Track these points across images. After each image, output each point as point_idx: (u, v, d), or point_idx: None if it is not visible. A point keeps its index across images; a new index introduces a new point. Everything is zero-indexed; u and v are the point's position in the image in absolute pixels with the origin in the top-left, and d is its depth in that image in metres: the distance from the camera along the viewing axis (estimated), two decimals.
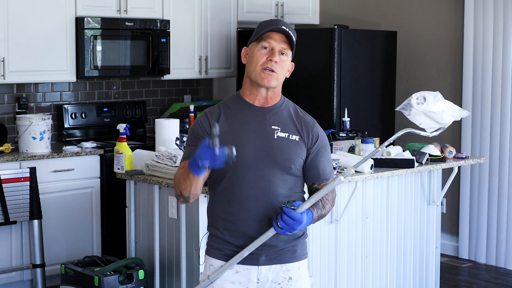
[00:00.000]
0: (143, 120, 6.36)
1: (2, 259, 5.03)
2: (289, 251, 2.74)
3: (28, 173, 4.97)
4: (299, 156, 2.72)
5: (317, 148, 2.75)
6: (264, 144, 2.68)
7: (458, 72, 6.18)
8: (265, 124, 2.71)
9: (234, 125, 2.70)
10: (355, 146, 4.75)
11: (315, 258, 4.32)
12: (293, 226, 2.58)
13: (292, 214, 2.56)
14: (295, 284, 2.75)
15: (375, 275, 4.70)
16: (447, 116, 2.74)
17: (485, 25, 5.90)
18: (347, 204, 4.36)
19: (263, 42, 2.69)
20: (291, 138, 2.72)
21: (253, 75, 2.70)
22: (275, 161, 2.68)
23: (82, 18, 5.53)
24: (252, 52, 2.71)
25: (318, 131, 2.79)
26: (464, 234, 6.16)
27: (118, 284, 4.02)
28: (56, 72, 5.53)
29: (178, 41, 6.15)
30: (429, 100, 2.72)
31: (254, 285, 2.72)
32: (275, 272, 2.73)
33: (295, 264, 2.76)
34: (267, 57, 2.68)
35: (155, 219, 4.15)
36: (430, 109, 2.71)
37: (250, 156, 2.66)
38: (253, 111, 2.73)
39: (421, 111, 2.72)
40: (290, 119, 2.76)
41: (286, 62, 2.72)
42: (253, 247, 2.64)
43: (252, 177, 2.66)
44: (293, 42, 2.72)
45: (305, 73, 6.10)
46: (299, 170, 2.74)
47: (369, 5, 6.76)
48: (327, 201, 2.75)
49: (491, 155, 5.93)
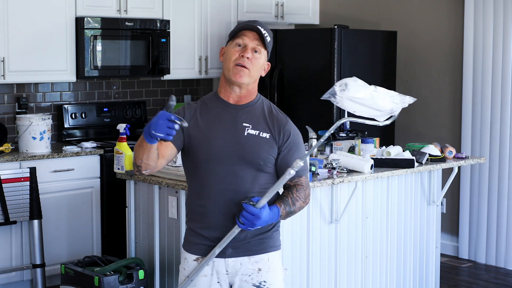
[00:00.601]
0: (143, 120, 6.36)
1: (2, 259, 5.03)
2: (256, 244, 2.81)
3: (28, 173, 4.97)
4: (269, 153, 2.78)
5: (288, 146, 2.81)
6: (234, 141, 2.76)
7: (458, 72, 6.18)
8: (236, 121, 2.79)
9: (208, 121, 2.79)
10: (355, 146, 4.75)
11: (315, 258, 4.32)
12: (253, 221, 2.64)
13: (250, 209, 2.63)
14: (266, 275, 2.81)
15: (375, 275, 4.70)
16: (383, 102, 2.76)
17: (485, 25, 5.90)
18: (347, 204, 4.36)
19: (237, 39, 2.77)
20: (262, 135, 2.78)
21: (226, 71, 2.78)
22: (244, 158, 2.75)
23: (82, 18, 5.53)
24: (227, 50, 2.79)
25: (291, 129, 2.84)
26: (464, 234, 6.16)
27: (118, 284, 4.02)
28: (56, 72, 5.53)
29: (178, 41, 6.15)
30: (351, 87, 2.76)
31: (224, 276, 2.81)
32: (243, 265, 2.80)
33: (264, 256, 2.82)
34: (240, 53, 2.75)
35: (155, 219, 4.15)
36: (354, 95, 2.75)
37: (220, 151, 2.75)
38: (227, 108, 2.81)
39: (346, 98, 2.76)
40: (262, 117, 2.82)
41: (259, 60, 2.78)
42: (223, 244, 2.73)
43: (222, 172, 2.75)
44: (267, 42, 2.78)
45: (305, 73, 6.11)
46: (270, 167, 2.80)
47: (369, 5, 6.76)
48: (298, 198, 2.80)
49: (491, 155, 5.93)
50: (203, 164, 2.77)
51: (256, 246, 2.81)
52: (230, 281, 2.82)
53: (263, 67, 2.82)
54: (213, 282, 2.82)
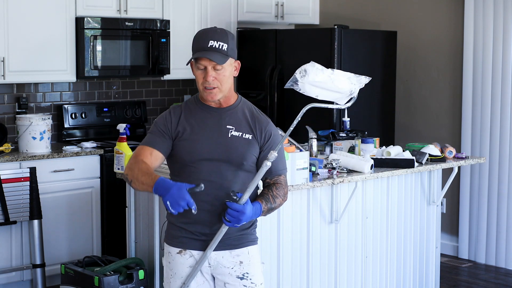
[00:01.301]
0: (143, 120, 6.36)
1: (2, 259, 5.03)
2: (236, 239, 2.95)
3: (28, 173, 4.97)
4: (251, 153, 2.92)
5: (269, 146, 2.95)
6: (218, 142, 2.90)
7: (458, 72, 6.18)
8: (220, 124, 2.93)
9: (192, 125, 2.92)
10: (355, 146, 4.75)
11: (315, 258, 4.32)
12: (238, 217, 2.77)
13: (235, 206, 2.76)
14: (247, 267, 2.96)
15: (375, 275, 4.70)
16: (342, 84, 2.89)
17: (485, 25, 5.90)
18: (347, 204, 4.36)
19: (197, 63, 2.88)
20: (244, 136, 2.92)
21: (199, 91, 2.93)
22: (229, 158, 2.89)
23: (82, 18, 5.53)
24: (193, 69, 2.92)
25: (271, 130, 2.98)
26: (464, 234, 6.16)
27: (118, 284, 4.02)
28: (56, 72, 5.53)
29: (178, 41, 6.15)
30: (310, 71, 2.89)
31: (206, 268, 2.95)
32: (225, 258, 2.94)
33: (244, 249, 2.97)
34: (203, 77, 2.87)
35: (155, 219, 4.15)
36: (314, 79, 2.87)
37: (206, 152, 2.88)
38: (210, 111, 2.95)
39: (307, 83, 2.89)
40: (244, 119, 2.95)
41: (224, 73, 2.89)
42: (214, 245, 2.86)
43: (208, 172, 2.88)
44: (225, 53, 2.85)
45: None
46: (252, 166, 2.94)
47: (369, 5, 6.76)
48: (278, 195, 2.94)
49: (491, 155, 5.93)
50: (189, 165, 2.90)
51: (236, 240, 2.95)
52: (213, 272, 2.96)
53: (232, 73, 2.93)
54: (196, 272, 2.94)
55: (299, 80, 2.89)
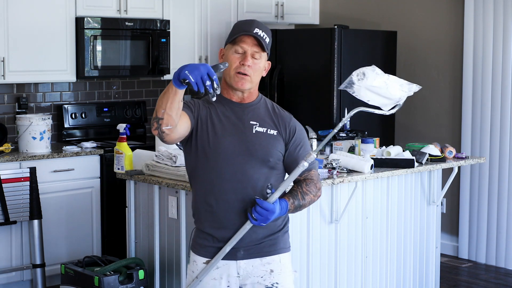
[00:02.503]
0: (143, 120, 6.36)
1: (2, 259, 5.03)
2: (268, 244, 2.81)
3: (28, 173, 4.97)
4: (277, 149, 2.80)
5: (295, 141, 2.84)
6: (243, 138, 2.77)
7: (458, 72, 6.18)
8: (243, 120, 2.80)
9: (215, 119, 2.78)
10: (355, 146, 4.75)
11: (315, 258, 4.32)
12: (267, 217, 2.64)
13: (265, 205, 2.63)
14: (278, 276, 2.81)
15: (375, 275, 4.70)
16: (394, 90, 2.78)
17: (485, 25, 5.90)
18: (347, 204, 4.36)
19: (236, 46, 2.77)
20: (269, 132, 2.81)
21: (227, 78, 2.79)
22: (254, 155, 2.76)
23: (82, 18, 5.53)
24: (227, 55, 2.79)
25: (295, 125, 2.88)
26: (464, 234, 6.16)
27: (118, 284, 4.02)
28: (56, 72, 5.53)
29: (178, 41, 6.15)
30: (369, 75, 2.79)
31: (234, 279, 2.80)
32: (255, 267, 2.79)
33: (276, 257, 2.82)
34: (240, 61, 2.76)
35: (155, 219, 4.15)
36: (371, 83, 2.77)
37: (229, 149, 2.75)
38: (232, 107, 2.82)
39: (363, 86, 2.78)
40: (267, 115, 2.84)
41: (259, 64, 2.79)
42: (234, 241, 2.72)
43: (231, 170, 2.74)
44: (266, 44, 2.79)
45: (305, 73, 6.10)
46: (278, 164, 2.82)
47: (369, 5, 6.76)
48: (308, 192, 2.81)
49: (491, 155, 5.93)
50: (211, 163, 2.75)
51: (268, 247, 2.81)
52: (241, 283, 2.81)
53: (264, 68, 2.84)
54: (222, 285, 2.80)
55: (355, 83, 2.78)
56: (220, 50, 2.87)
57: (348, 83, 2.80)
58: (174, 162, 4.05)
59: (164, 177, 4.06)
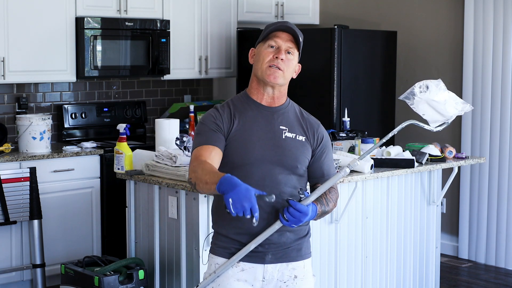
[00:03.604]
0: (143, 120, 6.36)
1: (2, 259, 5.03)
2: (295, 249, 2.77)
3: (28, 173, 4.97)
4: (305, 156, 2.77)
5: (321, 149, 2.81)
6: (272, 144, 2.72)
7: (458, 72, 6.18)
8: (273, 124, 2.76)
9: (243, 124, 2.73)
10: (355, 146, 4.75)
11: (315, 258, 4.32)
12: (299, 218, 2.59)
13: (298, 206, 2.58)
14: (300, 282, 2.78)
15: (375, 275, 4.70)
16: (450, 108, 2.75)
17: (485, 25, 5.90)
18: (347, 204, 4.36)
19: (270, 41, 2.74)
20: (298, 138, 2.77)
21: (259, 72, 2.74)
22: (283, 161, 2.72)
23: (82, 18, 5.53)
24: (259, 51, 2.76)
25: (323, 133, 2.85)
26: (464, 234, 6.16)
27: (118, 284, 4.02)
28: (56, 72, 5.53)
29: (178, 41, 6.15)
30: (432, 89, 2.74)
31: (259, 283, 2.74)
32: (280, 271, 2.75)
33: (301, 263, 2.79)
34: (273, 55, 2.73)
35: (155, 219, 4.15)
36: (433, 98, 2.73)
37: (259, 154, 2.70)
38: (261, 110, 2.77)
39: (424, 99, 2.74)
40: (296, 120, 2.81)
41: (292, 62, 2.77)
42: (260, 240, 2.66)
43: (260, 175, 2.69)
44: (300, 42, 2.78)
45: (305, 73, 6.06)
46: (304, 170, 2.79)
47: (369, 5, 6.76)
48: (331, 199, 2.78)
49: (491, 155, 5.93)
50: (239, 167, 2.70)
51: (295, 252, 2.77)
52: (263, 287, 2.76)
53: (295, 68, 2.82)
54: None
55: (417, 95, 2.73)
56: (251, 51, 2.83)
57: (409, 94, 2.75)
58: (174, 162, 4.05)
59: (164, 177, 4.06)
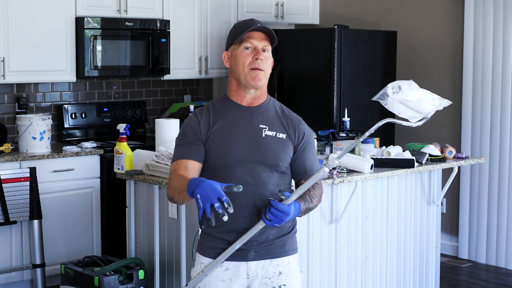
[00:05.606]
0: (143, 120, 6.36)
1: (2, 259, 5.03)
2: (278, 246, 2.80)
3: (28, 173, 4.97)
4: (286, 153, 2.79)
5: (303, 145, 2.83)
6: (252, 143, 2.76)
7: (458, 72, 6.18)
8: (253, 123, 2.78)
9: (223, 126, 2.77)
10: (355, 146, 4.75)
11: (315, 258, 4.32)
12: (281, 218, 2.62)
13: (280, 206, 2.61)
14: (285, 278, 2.81)
15: (375, 275, 4.70)
16: (426, 105, 2.78)
17: (485, 25, 5.90)
18: (347, 204, 4.36)
19: (245, 43, 2.76)
20: (279, 136, 2.79)
21: (241, 77, 2.77)
22: (264, 159, 2.75)
23: (82, 18, 5.53)
24: (236, 55, 2.77)
25: (304, 129, 2.86)
26: (464, 234, 6.16)
27: (118, 284, 4.02)
28: (56, 72, 5.53)
29: (178, 41, 6.15)
30: (404, 89, 2.76)
31: (244, 280, 2.78)
32: (264, 268, 2.79)
33: (285, 259, 2.82)
34: (252, 56, 2.75)
35: (155, 219, 4.15)
36: (406, 98, 2.76)
37: (239, 154, 2.74)
38: (241, 111, 2.80)
39: (397, 100, 2.77)
40: (277, 118, 2.83)
41: (269, 59, 2.80)
42: (245, 240, 2.70)
43: (242, 174, 2.73)
44: (273, 37, 2.79)
45: (305, 73, 6.10)
46: (286, 167, 2.81)
47: (369, 5, 6.76)
48: (315, 195, 2.81)
49: (491, 155, 5.93)
50: (221, 169, 2.74)
51: (278, 248, 2.80)
52: (249, 284, 2.80)
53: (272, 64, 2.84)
54: (232, 287, 2.78)
55: (390, 95, 2.76)
56: (224, 55, 2.84)
57: (381, 95, 2.77)
58: None
59: (164, 177, 4.06)
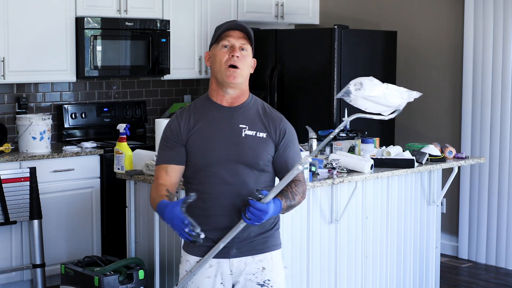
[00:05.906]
0: (143, 120, 6.36)
1: (2, 259, 5.03)
2: (260, 242, 2.85)
3: (28, 173, 4.97)
4: (267, 152, 2.82)
5: (285, 143, 2.86)
6: (232, 143, 2.79)
7: (458, 72, 6.18)
8: (233, 123, 2.82)
9: (203, 126, 2.81)
10: (355, 146, 4.75)
11: (315, 258, 4.32)
12: (260, 217, 2.66)
13: (258, 205, 2.64)
14: (269, 273, 2.85)
15: (375, 275, 4.70)
16: (393, 99, 2.81)
17: (485, 25, 5.90)
18: (347, 204, 4.36)
19: (223, 41, 2.80)
20: (259, 135, 2.82)
21: (219, 75, 2.80)
22: (244, 159, 2.79)
23: (82, 18, 5.53)
24: (214, 53, 2.81)
25: (285, 127, 2.88)
26: (464, 234, 6.16)
27: (118, 284, 4.02)
28: (56, 72, 5.53)
29: (178, 41, 6.15)
30: (366, 86, 2.80)
31: (228, 277, 2.83)
32: (247, 264, 2.84)
33: (268, 255, 2.86)
34: (229, 54, 2.78)
35: (155, 219, 4.15)
36: (369, 94, 2.79)
37: (220, 154, 2.78)
38: (222, 111, 2.84)
39: (360, 96, 2.80)
40: (257, 117, 2.85)
41: (247, 58, 2.83)
42: (228, 239, 2.75)
43: (223, 174, 2.78)
44: (252, 37, 2.83)
45: (305, 73, 6.10)
46: (268, 166, 2.85)
47: (369, 5, 6.76)
48: (297, 192, 2.83)
49: (491, 155, 5.93)
50: (202, 169, 2.80)
51: (260, 245, 2.85)
52: (234, 281, 2.85)
53: (251, 63, 2.87)
54: (216, 283, 2.84)
55: (352, 92, 2.79)
56: (206, 54, 2.89)
57: (345, 93, 2.81)
58: None
59: None
